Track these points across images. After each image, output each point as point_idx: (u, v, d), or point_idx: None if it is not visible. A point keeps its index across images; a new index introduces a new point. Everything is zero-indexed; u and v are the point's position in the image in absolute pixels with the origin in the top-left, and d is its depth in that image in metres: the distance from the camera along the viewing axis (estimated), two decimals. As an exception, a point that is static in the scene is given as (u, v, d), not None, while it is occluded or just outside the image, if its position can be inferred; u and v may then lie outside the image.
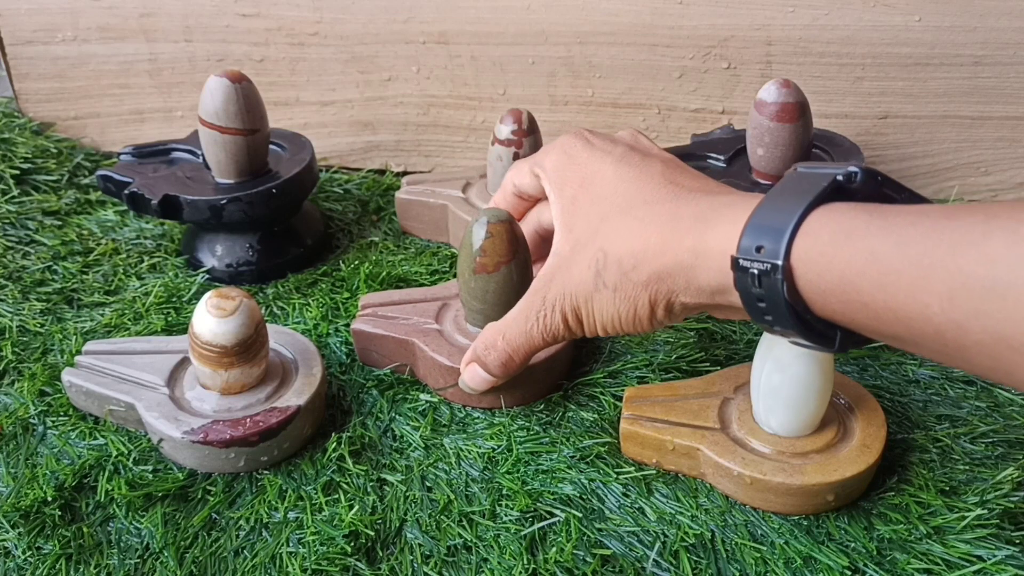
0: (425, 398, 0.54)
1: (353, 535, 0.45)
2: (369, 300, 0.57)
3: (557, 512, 0.46)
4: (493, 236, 0.50)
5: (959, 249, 0.31)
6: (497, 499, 0.47)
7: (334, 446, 0.50)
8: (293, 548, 0.45)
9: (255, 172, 0.65)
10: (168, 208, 0.64)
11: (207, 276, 0.66)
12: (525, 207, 0.53)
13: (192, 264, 0.68)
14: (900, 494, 0.46)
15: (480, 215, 0.51)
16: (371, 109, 0.80)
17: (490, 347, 0.49)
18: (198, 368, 0.49)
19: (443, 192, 0.70)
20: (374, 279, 0.64)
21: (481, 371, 0.49)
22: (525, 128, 0.65)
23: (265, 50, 0.79)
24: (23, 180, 0.77)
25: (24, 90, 0.85)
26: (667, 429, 0.47)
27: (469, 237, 0.51)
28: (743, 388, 0.49)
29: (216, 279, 0.66)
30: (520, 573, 0.43)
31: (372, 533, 0.45)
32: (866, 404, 0.48)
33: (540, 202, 0.53)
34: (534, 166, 0.50)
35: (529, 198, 0.52)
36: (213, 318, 0.48)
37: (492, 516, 0.46)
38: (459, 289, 0.53)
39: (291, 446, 0.50)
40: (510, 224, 0.51)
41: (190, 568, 0.44)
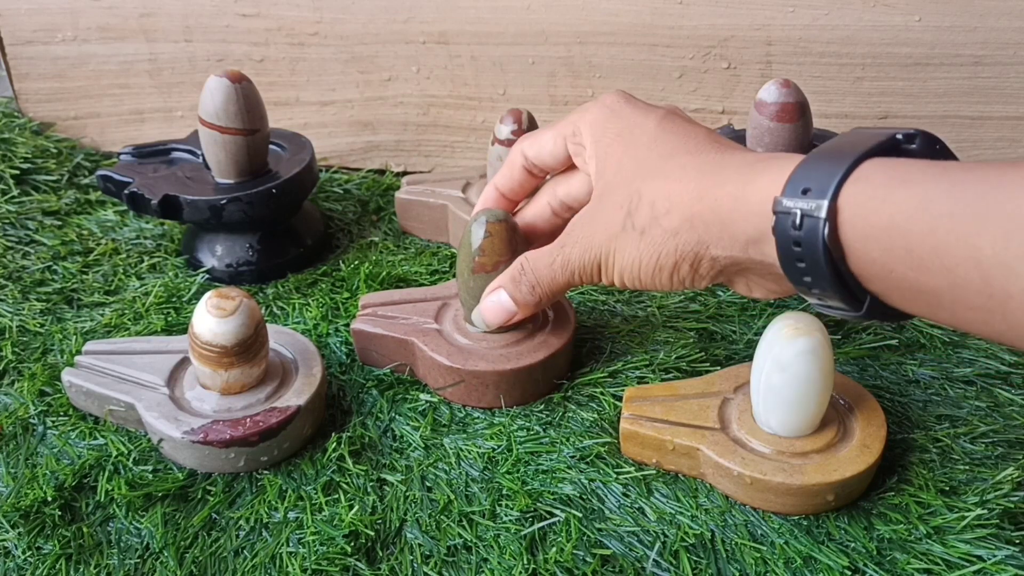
0: (425, 398, 0.54)
1: (353, 535, 0.45)
2: (369, 300, 0.57)
3: (557, 512, 0.46)
4: (492, 236, 0.50)
5: (1018, 192, 0.30)
6: (497, 499, 0.47)
7: (334, 446, 0.50)
8: (293, 548, 0.45)
9: (255, 172, 0.65)
10: (168, 208, 0.64)
11: (207, 276, 0.66)
12: (533, 184, 0.51)
13: (192, 264, 0.68)
14: (900, 494, 0.46)
15: (479, 214, 0.51)
16: (371, 109, 0.80)
17: (519, 274, 0.48)
18: (198, 368, 0.49)
19: (443, 192, 0.70)
20: (374, 279, 0.64)
21: (504, 297, 0.48)
22: (525, 128, 0.65)
23: (265, 50, 0.79)
24: (23, 180, 0.77)
25: (24, 90, 0.85)
26: (667, 429, 0.47)
27: (468, 237, 0.51)
28: (743, 388, 0.49)
29: (216, 279, 0.66)
30: (520, 573, 0.43)
31: (372, 533, 0.45)
32: (866, 404, 0.48)
33: (558, 176, 0.50)
34: (566, 128, 0.47)
35: (540, 172, 0.50)
36: (213, 318, 0.48)
37: (492, 516, 0.46)
38: (458, 289, 0.53)
39: (291, 446, 0.50)
40: (509, 223, 0.51)
41: (190, 568, 0.44)
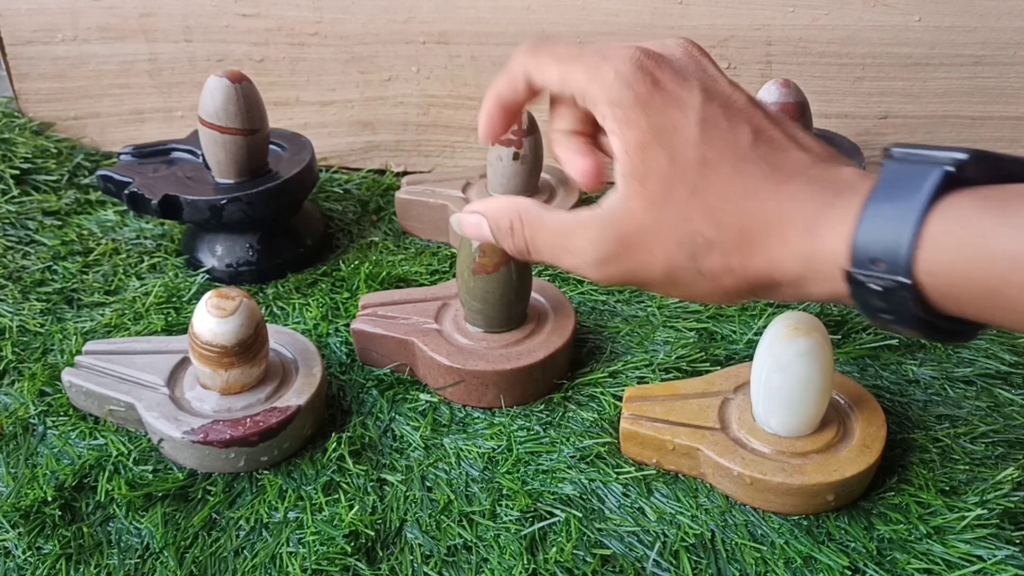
0: (425, 398, 0.54)
1: (353, 535, 0.45)
2: (369, 300, 0.57)
3: (557, 512, 0.46)
4: (493, 236, 0.50)
5: None
6: (497, 499, 0.47)
7: (334, 446, 0.50)
8: (293, 548, 0.45)
9: (255, 172, 0.65)
10: (168, 208, 0.64)
11: (207, 276, 0.66)
12: (528, 98, 0.44)
13: (192, 264, 0.68)
14: (900, 494, 0.46)
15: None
16: (371, 109, 0.80)
17: (512, 229, 0.42)
18: (198, 368, 0.49)
19: (443, 192, 0.70)
20: (374, 279, 0.64)
21: (486, 231, 0.43)
22: (525, 128, 0.65)
23: (265, 50, 0.79)
24: (23, 180, 0.77)
25: (24, 90, 0.84)
26: (667, 429, 0.47)
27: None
28: (743, 388, 0.49)
29: (216, 279, 0.66)
30: (520, 573, 0.43)
31: (372, 533, 0.45)
32: (866, 404, 0.48)
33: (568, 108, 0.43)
34: (570, 76, 0.40)
35: (534, 94, 0.44)
36: (213, 318, 0.48)
37: (492, 516, 0.46)
38: (459, 289, 0.53)
39: (291, 446, 0.50)
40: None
41: (190, 568, 0.44)
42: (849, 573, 0.42)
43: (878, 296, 0.33)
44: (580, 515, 0.46)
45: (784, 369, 0.44)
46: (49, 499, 0.47)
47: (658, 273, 0.39)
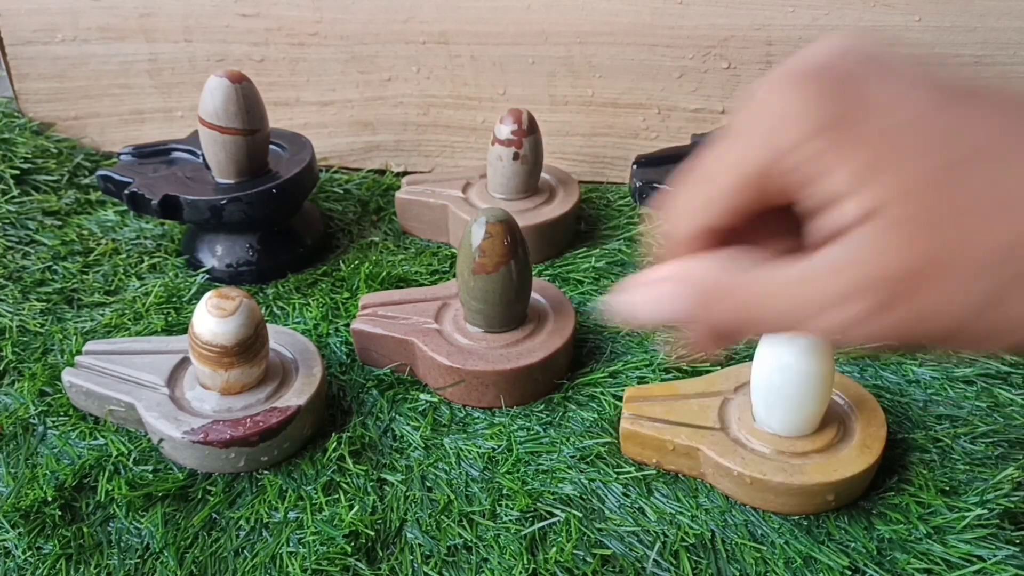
0: (425, 398, 0.54)
1: (353, 535, 0.45)
2: (369, 300, 0.57)
3: (557, 512, 0.46)
4: (492, 236, 0.50)
5: None
6: (497, 499, 0.47)
7: (334, 446, 0.50)
8: (293, 548, 0.45)
9: (255, 172, 0.65)
10: (168, 208, 0.64)
11: (207, 276, 0.66)
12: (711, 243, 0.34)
13: (192, 264, 0.68)
14: (900, 494, 0.46)
15: (479, 215, 0.51)
16: (371, 109, 0.80)
17: (714, 298, 0.31)
18: (198, 368, 0.49)
19: (443, 192, 0.70)
20: (374, 279, 0.64)
21: (673, 302, 0.32)
22: (525, 128, 0.65)
23: (265, 50, 0.79)
24: (23, 180, 0.77)
25: (24, 90, 0.84)
26: (667, 429, 0.47)
27: (468, 237, 0.51)
28: (743, 388, 0.49)
29: (216, 279, 0.66)
30: (520, 573, 0.43)
31: (372, 533, 0.45)
32: (866, 404, 0.48)
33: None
34: (757, 158, 0.30)
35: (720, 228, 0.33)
36: (213, 318, 0.48)
37: (492, 516, 0.46)
38: (459, 289, 0.53)
39: (291, 446, 0.50)
40: (509, 224, 0.51)
41: (190, 568, 0.44)
42: (849, 573, 0.42)
43: None
44: (580, 515, 0.46)
45: (784, 369, 0.44)
46: (49, 499, 0.47)
47: (946, 322, 0.29)
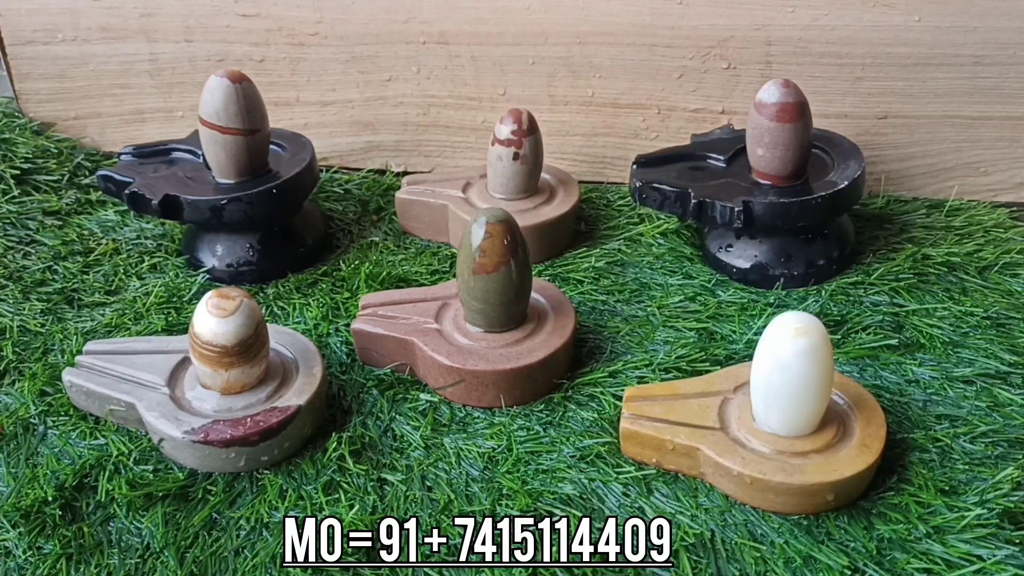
0: (425, 398, 0.54)
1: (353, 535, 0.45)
2: (369, 300, 0.58)
3: (557, 512, 0.46)
4: (492, 236, 0.50)
5: None
6: (497, 499, 0.47)
7: (334, 446, 0.50)
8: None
9: (255, 172, 0.65)
10: (168, 208, 0.64)
11: (207, 276, 0.66)
12: None
13: (193, 264, 0.68)
14: (900, 494, 0.46)
15: (479, 215, 0.51)
16: (371, 109, 0.80)
17: None
18: (198, 368, 0.49)
19: (443, 192, 0.70)
20: (374, 279, 0.64)
21: None
22: (525, 128, 0.65)
23: (265, 50, 0.79)
24: (23, 180, 0.77)
25: (24, 90, 0.85)
26: (667, 429, 0.47)
27: (468, 237, 0.51)
28: (743, 388, 0.49)
29: (216, 279, 0.66)
30: (520, 573, 0.43)
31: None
32: (866, 404, 0.48)
33: None
34: None
35: None
36: (213, 318, 0.48)
37: (492, 516, 0.46)
38: (459, 289, 0.53)
39: (291, 446, 0.50)
40: (509, 224, 0.51)
41: (190, 568, 0.44)
42: (849, 573, 0.42)
43: None
44: (580, 515, 0.46)
45: (784, 369, 0.44)
46: (49, 499, 0.47)
47: None
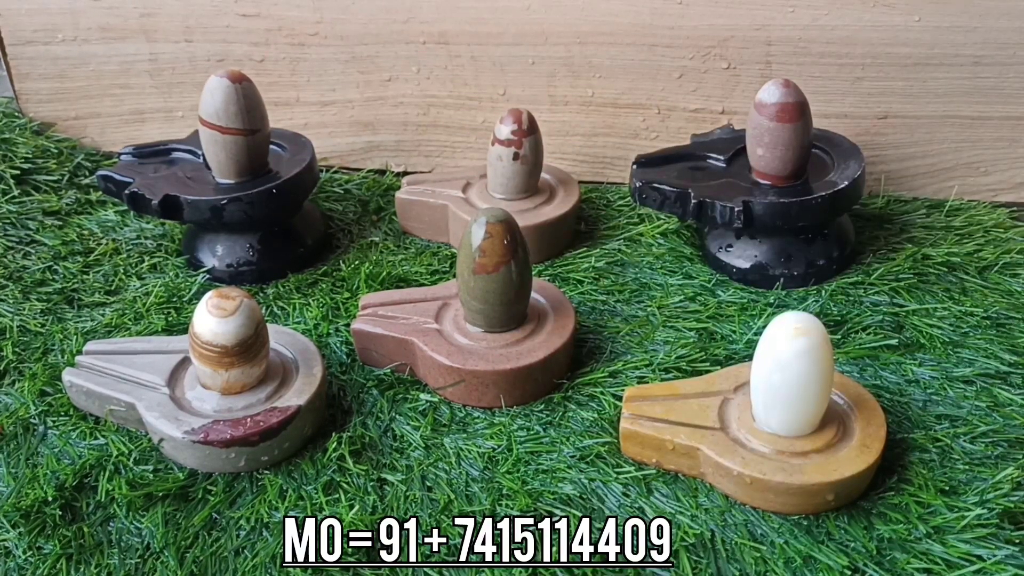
0: (425, 398, 0.54)
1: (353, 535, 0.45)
2: (369, 300, 0.58)
3: (557, 512, 0.46)
4: (492, 236, 0.50)
5: None
6: (497, 499, 0.47)
7: (334, 446, 0.50)
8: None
9: (255, 172, 0.65)
10: (168, 208, 0.64)
11: (207, 276, 0.66)
12: None
13: (193, 264, 0.68)
14: (900, 494, 0.46)
15: (479, 215, 0.51)
16: (371, 109, 0.80)
17: None
18: (199, 368, 0.49)
19: (443, 192, 0.70)
20: (374, 279, 0.64)
21: None
22: (525, 128, 0.65)
23: (265, 50, 0.79)
24: (23, 180, 0.77)
25: (24, 90, 0.85)
26: (667, 429, 0.47)
27: (468, 237, 0.51)
28: (743, 388, 0.49)
29: (216, 279, 0.66)
30: (520, 573, 0.43)
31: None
32: (866, 404, 0.48)
33: None
34: None
35: None
36: (213, 318, 0.48)
37: (492, 516, 0.46)
38: (459, 289, 0.53)
39: (291, 446, 0.50)
40: (509, 224, 0.51)
41: (191, 568, 0.44)
42: (849, 573, 0.42)
43: None
44: (580, 515, 0.46)
45: (784, 369, 0.44)
46: (50, 499, 0.47)
47: None
